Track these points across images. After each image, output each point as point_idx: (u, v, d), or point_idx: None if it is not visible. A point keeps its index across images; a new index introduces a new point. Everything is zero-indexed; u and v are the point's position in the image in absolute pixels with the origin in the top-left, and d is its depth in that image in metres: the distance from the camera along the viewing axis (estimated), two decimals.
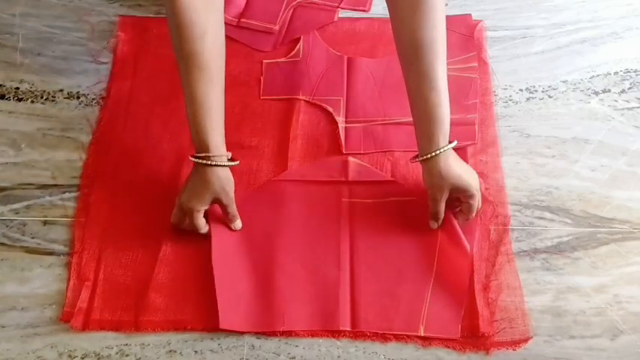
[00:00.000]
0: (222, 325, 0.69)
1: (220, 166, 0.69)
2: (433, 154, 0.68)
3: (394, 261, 0.73)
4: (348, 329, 0.70)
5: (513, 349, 0.69)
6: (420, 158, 0.70)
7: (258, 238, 0.75)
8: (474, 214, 0.73)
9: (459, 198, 0.72)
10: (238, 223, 0.74)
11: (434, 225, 0.74)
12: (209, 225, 0.74)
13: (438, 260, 0.73)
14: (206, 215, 0.73)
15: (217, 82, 0.69)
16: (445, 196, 0.71)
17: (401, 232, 0.75)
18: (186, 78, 0.68)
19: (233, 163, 0.71)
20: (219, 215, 0.74)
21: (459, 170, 0.70)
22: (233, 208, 0.73)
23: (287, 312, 0.70)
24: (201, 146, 0.68)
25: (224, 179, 0.70)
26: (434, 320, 0.70)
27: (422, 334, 0.69)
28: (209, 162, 0.68)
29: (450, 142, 0.69)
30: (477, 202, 0.72)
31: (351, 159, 0.80)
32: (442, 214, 0.73)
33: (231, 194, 0.72)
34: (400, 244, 0.74)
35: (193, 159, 0.69)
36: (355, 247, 0.74)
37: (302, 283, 0.72)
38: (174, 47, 0.68)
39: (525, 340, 0.69)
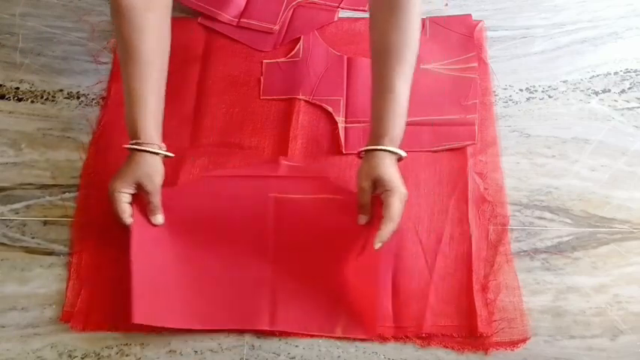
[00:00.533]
0: (135, 320, 0.67)
1: (148, 152, 0.70)
2: (372, 147, 0.69)
3: (316, 260, 0.72)
4: (267, 329, 0.70)
5: (511, 350, 0.69)
6: (360, 149, 0.70)
7: (183, 233, 0.74)
8: (395, 218, 0.67)
9: (379, 198, 0.69)
10: (159, 218, 0.73)
11: (361, 220, 0.71)
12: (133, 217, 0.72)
13: (357, 260, 0.71)
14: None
15: (155, 76, 0.71)
16: (370, 184, 0.69)
17: (325, 231, 0.74)
18: (124, 71, 0.70)
19: (164, 152, 0.71)
20: (143, 208, 0.73)
21: (390, 169, 0.68)
22: (156, 199, 0.72)
23: (204, 309, 0.70)
24: (133, 134, 0.70)
25: (151, 166, 0.70)
26: (351, 321, 0.69)
27: (339, 335, 0.69)
28: (138, 147, 0.69)
29: (398, 149, 0.69)
30: (396, 203, 0.67)
31: (282, 158, 0.79)
32: (368, 206, 0.71)
33: (157, 184, 0.71)
34: (323, 243, 0.73)
35: (125, 146, 0.70)
36: (279, 244, 0.74)
37: (222, 280, 0.72)
38: (116, 39, 0.71)
39: (524, 341, 0.69)
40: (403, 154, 0.70)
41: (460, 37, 0.89)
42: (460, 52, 0.88)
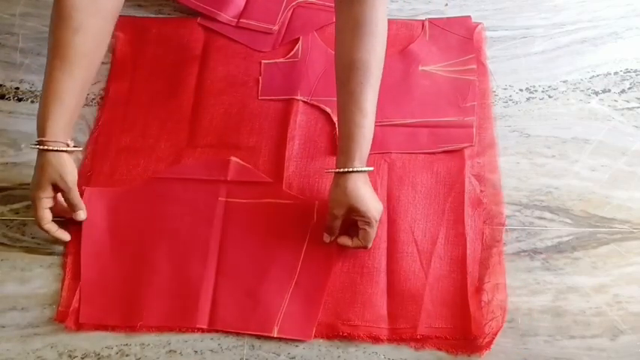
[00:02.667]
0: (81, 319, 0.70)
1: (52, 150, 0.69)
2: (345, 170, 0.69)
3: (259, 262, 0.74)
4: (205, 327, 0.71)
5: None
6: (333, 170, 0.71)
7: (132, 232, 0.75)
8: (369, 245, 0.72)
9: (357, 223, 0.72)
10: (80, 214, 0.74)
11: (327, 239, 0.74)
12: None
13: (301, 265, 0.73)
14: (56, 210, 0.73)
15: (77, 77, 0.70)
16: (343, 213, 0.71)
17: (271, 234, 0.75)
18: (48, 65, 0.70)
19: (68, 149, 0.71)
20: (93, 208, 0.75)
21: (365, 194, 0.70)
22: (72, 196, 0.72)
23: (146, 306, 0.71)
24: (39, 131, 0.69)
25: (59, 165, 0.70)
26: (288, 322, 0.71)
27: (275, 335, 0.70)
28: (42, 147, 0.69)
29: (367, 168, 0.71)
30: (373, 231, 0.71)
31: (233, 159, 0.80)
32: (336, 231, 0.73)
33: (70, 181, 0.71)
34: (268, 246, 0.75)
35: (30, 145, 0.70)
36: (224, 245, 0.75)
37: (165, 278, 0.73)
38: (48, 34, 0.70)
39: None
40: (371, 169, 0.72)
41: (459, 39, 0.89)
42: (459, 54, 0.88)
